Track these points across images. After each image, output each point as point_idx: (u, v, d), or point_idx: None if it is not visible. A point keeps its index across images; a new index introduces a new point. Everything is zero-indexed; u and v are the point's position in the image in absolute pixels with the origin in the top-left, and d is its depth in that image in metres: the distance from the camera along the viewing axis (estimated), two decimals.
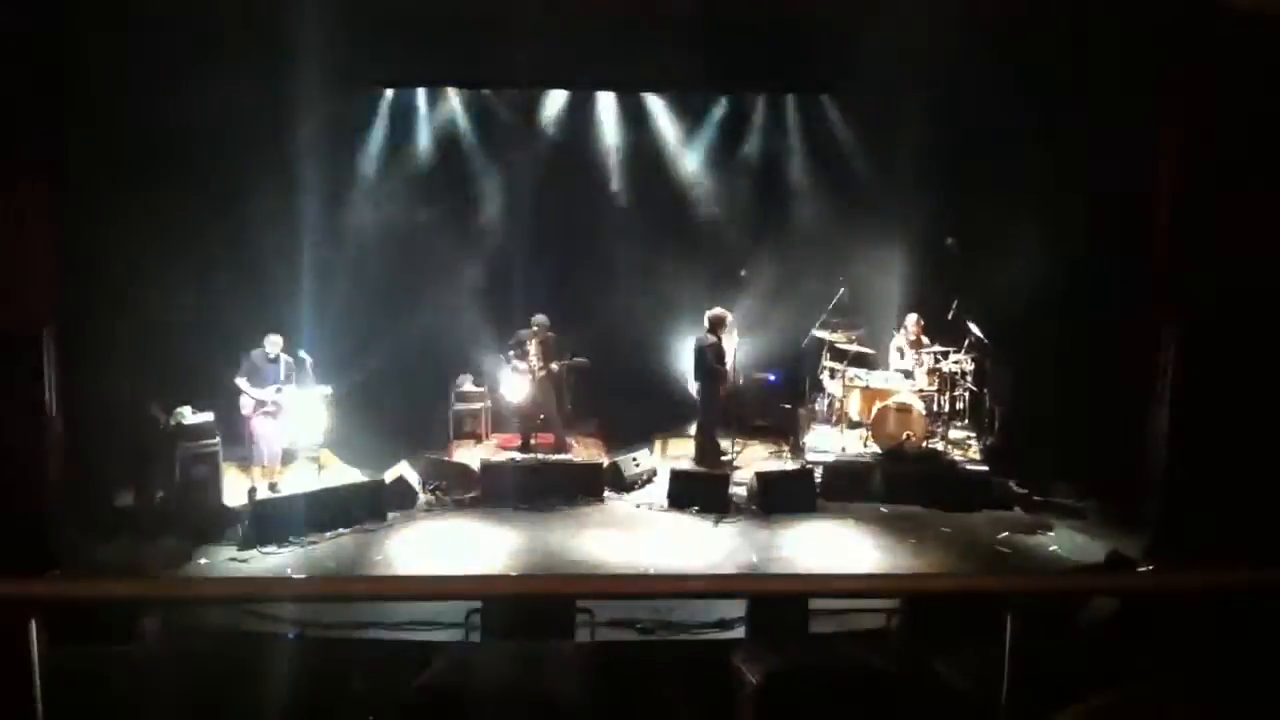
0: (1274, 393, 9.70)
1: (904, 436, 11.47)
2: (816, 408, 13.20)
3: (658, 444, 12.91)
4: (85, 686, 5.02)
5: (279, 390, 10.85)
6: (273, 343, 10.87)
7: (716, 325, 11.96)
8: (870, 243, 13.14)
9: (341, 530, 10.12)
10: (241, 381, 10.81)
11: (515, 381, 12.10)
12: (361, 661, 6.79)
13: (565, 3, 10.50)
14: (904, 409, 11.57)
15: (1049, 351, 11.69)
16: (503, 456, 12.09)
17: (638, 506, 11.16)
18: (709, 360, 11.87)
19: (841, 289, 12.60)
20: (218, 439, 10.67)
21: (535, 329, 12.05)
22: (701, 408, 12.22)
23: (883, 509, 10.99)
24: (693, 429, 12.55)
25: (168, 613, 6.32)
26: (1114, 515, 10.85)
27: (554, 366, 11.98)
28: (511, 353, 12.11)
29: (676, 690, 5.89)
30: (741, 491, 11.19)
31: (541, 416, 12.21)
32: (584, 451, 12.42)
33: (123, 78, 10.45)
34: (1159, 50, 10.45)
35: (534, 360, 11.98)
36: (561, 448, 12.24)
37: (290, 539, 9.79)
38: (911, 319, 12.44)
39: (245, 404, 10.84)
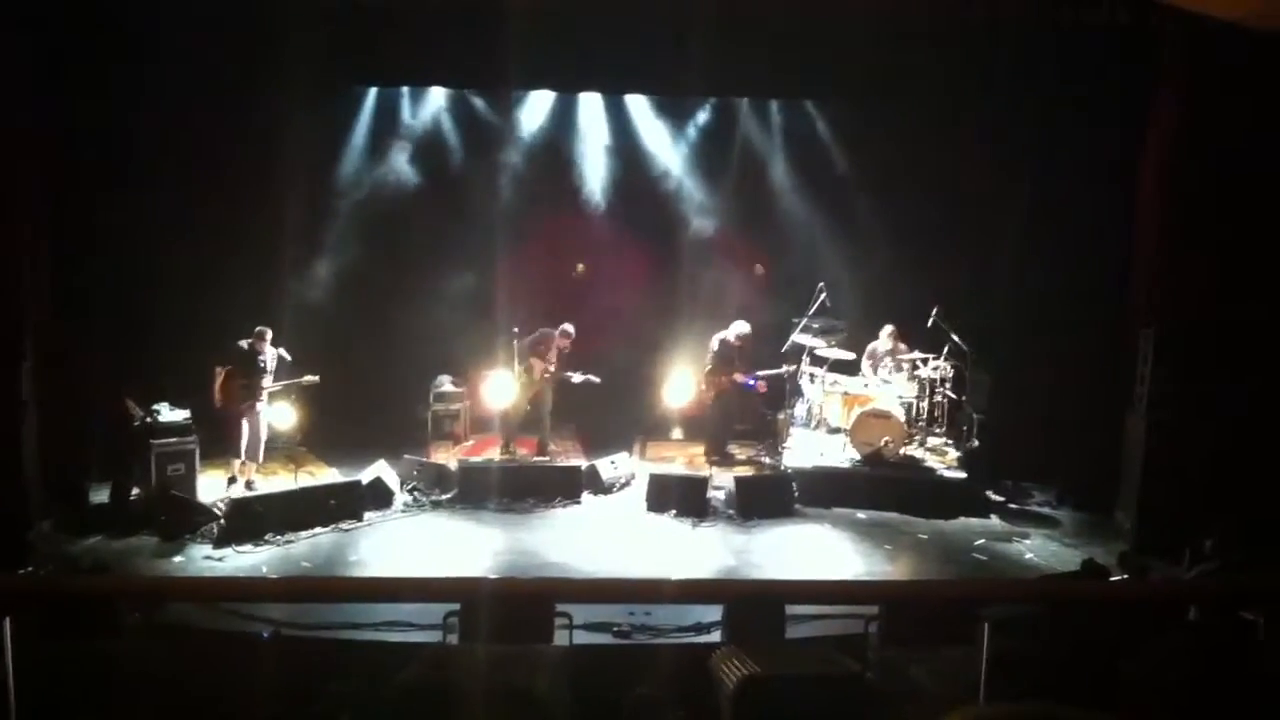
0: (1250, 400, 9.81)
1: (882, 442, 11.50)
2: (796, 413, 13.22)
3: (637, 447, 12.92)
4: (58, 684, 4.99)
5: (267, 382, 10.83)
6: (262, 334, 10.82)
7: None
8: (850, 246, 13.22)
9: (318, 530, 10.07)
10: (220, 370, 10.75)
11: (505, 383, 12.05)
12: (338, 662, 6.77)
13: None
14: (882, 415, 11.60)
15: (1027, 359, 11.77)
16: (481, 458, 12.09)
17: (615, 509, 11.16)
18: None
19: (822, 294, 12.62)
20: (194, 436, 10.65)
21: (562, 334, 12.09)
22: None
23: (860, 515, 11.02)
24: (677, 434, 12.96)
25: (143, 611, 6.29)
26: (1090, 523, 10.94)
27: (575, 377, 12.01)
28: (529, 348, 12.10)
29: (654, 694, 5.88)
30: (720, 496, 11.22)
31: (533, 408, 12.22)
32: (563, 454, 12.42)
33: (117, 76, 10.45)
34: (1145, 57, 10.56)
35: (550, 364, 12.00)
36: (542, 450, 12.27)
37: (266, 538, 9.74)
38: (887, 330, 12.49)
39: (217, 395, 10.78)
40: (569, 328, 12.14)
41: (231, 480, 10.89)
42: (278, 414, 11.03)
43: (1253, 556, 8.15)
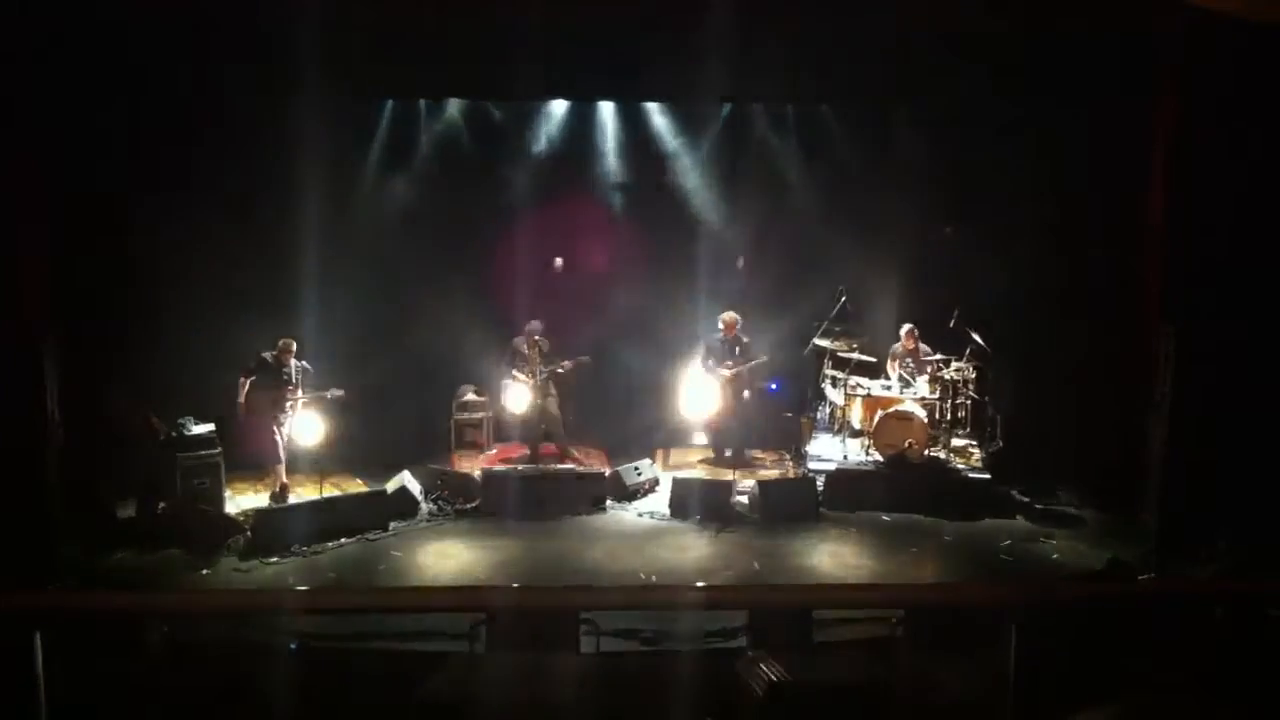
0: (1272, 398, 9.73)
1: (905, 445, 11.45)
2: (818, 416, 13.19)
3: (659, 453, 12.91)
4: (88, 699, 5.02)
5: (293, 393, 10.88)
6: (287, 347, 10.88)
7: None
8: (869, 250, 13.18)
9: (344, 541, 10.12)
10: (245, 381, 10.82)
11: (517, 391, 12.09)
12: (364, 673, 6.80)
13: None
14: (905, 417, 11.56)
15: (1050, 359, 11.70)
16: (505, 466, 12.09)
17: (640, 516, 11.17)
18: None
19: (842, 297, 12.59)
20: (219, 449, 10.71)
21: (529, 335, 12.07)
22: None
23: (885, 518, 10.98)
24: (700, 439, 13.01)
25: (171, 625, 6.33)
26: (1115, 523, 10.87)
27: (565, 363, 11.98)
28: (508, 365, 12.13)
29: (680, 701, 5.88)
30: (743, 500, 11.19)
31: (543, 426, 12.22)
32: (586, 461, 12.42)
33: (124, 84, 10.51)
34: (1153, 51, 10.52)
35: (534, 365, 11.98)
36: (564, 457, 12.25)
37: (292, 549, 9.79)
38: (905, 329, 12.45)
39: (240, 406, 10.86)
40: (534, 324, 12.15)
41: (282, 487, 10.99)
42: (303, 426, 11.07)
43: (1266, 555, 8.11)
